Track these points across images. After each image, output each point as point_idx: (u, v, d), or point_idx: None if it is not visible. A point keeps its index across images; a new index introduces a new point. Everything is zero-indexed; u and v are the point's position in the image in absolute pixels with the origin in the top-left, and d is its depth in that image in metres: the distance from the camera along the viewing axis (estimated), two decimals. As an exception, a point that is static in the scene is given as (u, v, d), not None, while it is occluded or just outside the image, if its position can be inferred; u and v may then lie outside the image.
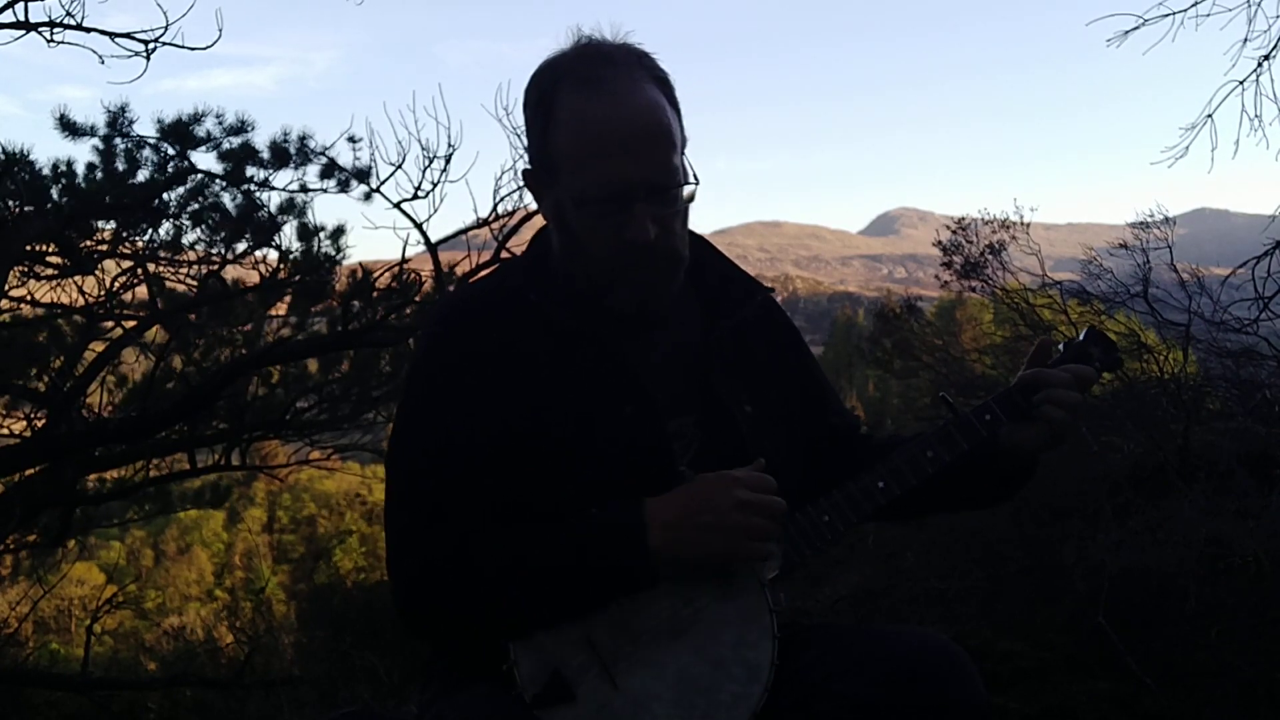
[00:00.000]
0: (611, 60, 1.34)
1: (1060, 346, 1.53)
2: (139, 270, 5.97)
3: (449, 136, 5.26)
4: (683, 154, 1.38)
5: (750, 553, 1.29)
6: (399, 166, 5.21)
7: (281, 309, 6.52)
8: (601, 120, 1.30)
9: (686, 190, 1.37)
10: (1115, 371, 1.57)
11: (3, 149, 5.02)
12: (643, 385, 1.38)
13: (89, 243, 5.85)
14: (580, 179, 1.32)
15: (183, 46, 4.33)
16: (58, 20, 4.30)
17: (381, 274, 5.92)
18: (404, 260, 5.75)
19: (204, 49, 4.35)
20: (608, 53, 1.35)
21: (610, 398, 1.36)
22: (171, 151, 5.35)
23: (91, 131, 5.24)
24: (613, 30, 1.39)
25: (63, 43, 4.32)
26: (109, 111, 5.20)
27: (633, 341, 1.40)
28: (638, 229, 1.32)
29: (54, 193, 5.30)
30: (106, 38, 4.31)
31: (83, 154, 5.47)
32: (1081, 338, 1.55)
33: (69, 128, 5.19)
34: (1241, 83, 4.42)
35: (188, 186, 5.61)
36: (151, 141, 5.31)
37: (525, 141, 1.44)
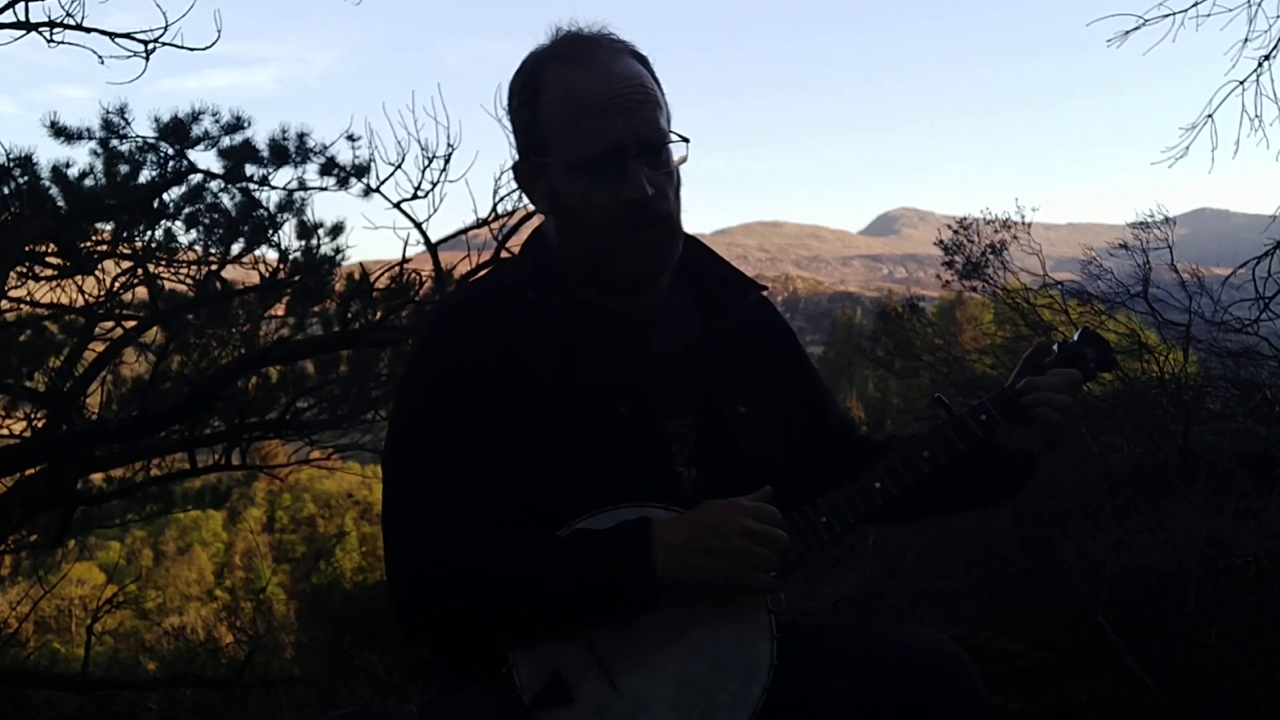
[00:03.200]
0: (589, 38, 1.39)
1: (1055, 347, 1.53)
2: (138, 270, 5.98)
3: (448, 136, 5.27)
4: (668, 124, 1.40)
5: (753, 581, 1.28)
6: (398, 166, 5.21)
7: (281, 309, 6.52)
8: (588, 83, 1.34)
9: (677, 152, 1.39)
10: (1111, 371, 1.58)
11: (4, 151, 5.03)
12: (639, 384, 1.38)
13: (88, 243, 5.85)
14: (572, 144, 1.35)
15: (182, 47, 4.33)
16: (58, 20, 4.30)
17: (381, 274, 5.92)
18: (404, 260, 5.75)
19: (203, 49, 4.35)
20: (585, 34, 1.40)
21: (606, 397, 1.36)
22: (170, 151, 5.35)
23: (87, 135, 5.24)
24: (589, 25, 1.42)
25: (63, 43, 4.33)
26: (104, 114, 5.20)
27: (631, 341, 1.40)
28: (633, 186, 1.33)
29: (54, 194, 5.30)
30: (106, 38, 4.32)
31: (82, 155, 5.48)
32: (1076, 339, 1.55)
33: (62, 133, 5.19)
34: (1242, 83, 4.42)
35: (187, 186, 5.61)
36: (149, 141, 5.31)
37: (513, 140, 1.46)
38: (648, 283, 1.41)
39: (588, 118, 1.33)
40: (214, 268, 6.00)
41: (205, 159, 5.49)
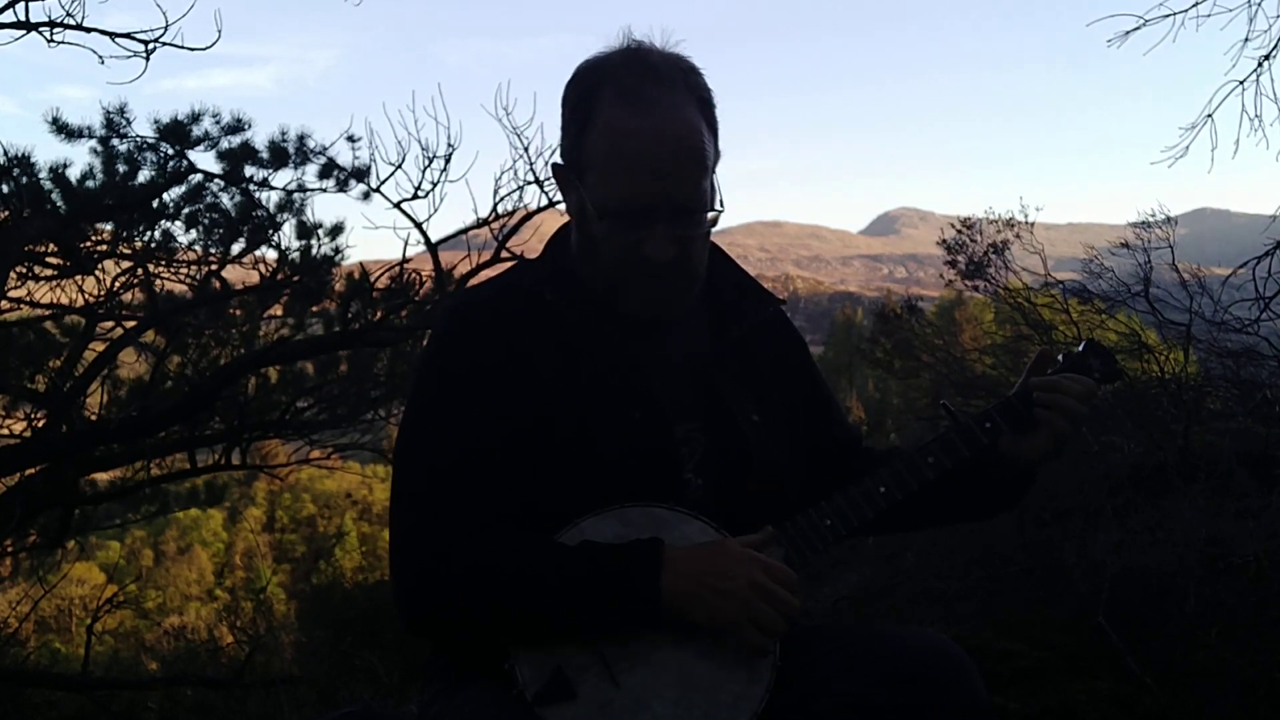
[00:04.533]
0: (655, 75, 1.33)
1: (1060, 358, 1.53)
2: (138, 270, 5.97)
3: (449, 136, 5.27)
4: (713, 175, 1.37)
5: (749, 637, 1.26)
6: (399, 166, 5.21)
7: (280, 310, 6.52)
8: (635, 138, 1.30)
9: (710, 215, 1.37)
10: (1114, 383, 1.57)
11: (3, 150, 5.03)
12: (651, 390, 1.38)
13: (88, 243, 5.85)
14: (606, 190, 1.32)
15: (182, 47, 4.33)
16: (58, 20, 4.30)
17: (382, 274, 5.92)
18: (404, 260, 5.75)
19: (203, 49, 4.35)
20: (653, 65, 1.34)
21: (618, 401, 1.36)
22: (170, 151, 5.35)
23: (88, 133, 5.24)
24: (663, 37, 1.38)
25: (63, 43, 4.32)
26: (105, 113, 5.20)
27: (643, 346, 1.41)
28: (656, 247, 1.32)
29: (53, 194, 5.30)
30: (106, 38, 4.31)
31: (83, 154, 5.47)
32: (1081, 349, 1.54)
33: (64, 130, 5.19)
34: (1242, 83, 4.42)
35: (186, 187, 5.61)
36: (150, 142, 5.31)
37: (560, 135, 1.43)
38: (656, 321, 1.41)
39: (627, 171, 1.30)
40: (213, 268, 6.00)
41: (205, 160, 5.49)
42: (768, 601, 1.26)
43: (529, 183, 5.29)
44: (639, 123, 1.30)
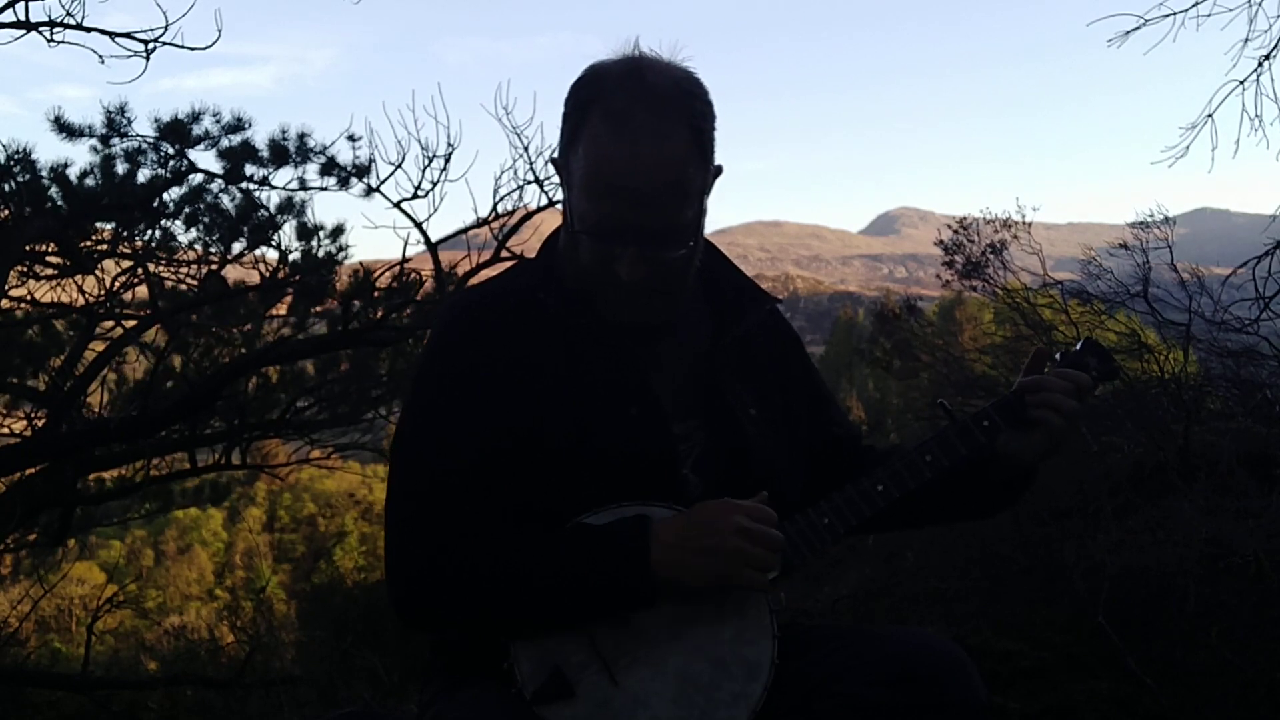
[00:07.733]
0: (648, 97, 1.31)
1: (1057, 356, 1.53)
2: (139, 270, 5.98)
3: (448, 136, 5.26)
4: (701, 201, 1.36)
5: (747, 580, 1.28)
6: (399, 166, 5.21)
7: (281, 309, 6.52)
8: (616, 162, 1.29)
9: (689, 245, 1.36)
10: (1112, 382, 1.57)
11: (3, 149, 5.03)
12: (649, 387, 1.38)
13: (89, 243, 5.85)
14: (585, 207, 1.33)
15: (182, 46, 4.32)
16: (58, 20, 4.29)
17: (382, 274, 5.92)
18: (404, 260, 5.75)
19: (203, 49, 4.34)
20: (649, 86, 1.31)
21: (615, 399, 1.36)
22: (170, 150, 5.35)
23: (89, 132, 5.24)
24: (671, 51, 1.37)
25: (63, 42, 4.31)
26: (106, 112, 5.20)
27: (641, 345, 1.41)
28: (628, 268, 1.33)
29: (53, 193, 5.30)
30: (106, 38, 4.30)
31: (83, 153, 5.47)
32: (1079, 348, 1.54)
33: (65, 129, 5.19)
34: (1242, 83, 4.42)
35: (187, 186, 5.62)
36: (150, 141, 5.31)
37: (559, 131, 1.42)
38: (636, 328, 1.41)
39: (604, 194, 1.31)
40: (214, 267, 6.00)
41: (205, 159, 5.49)
42: (756, 543, 1.27)
43: (529, 182, 5.29)
44: (621, 148, 1.29)
